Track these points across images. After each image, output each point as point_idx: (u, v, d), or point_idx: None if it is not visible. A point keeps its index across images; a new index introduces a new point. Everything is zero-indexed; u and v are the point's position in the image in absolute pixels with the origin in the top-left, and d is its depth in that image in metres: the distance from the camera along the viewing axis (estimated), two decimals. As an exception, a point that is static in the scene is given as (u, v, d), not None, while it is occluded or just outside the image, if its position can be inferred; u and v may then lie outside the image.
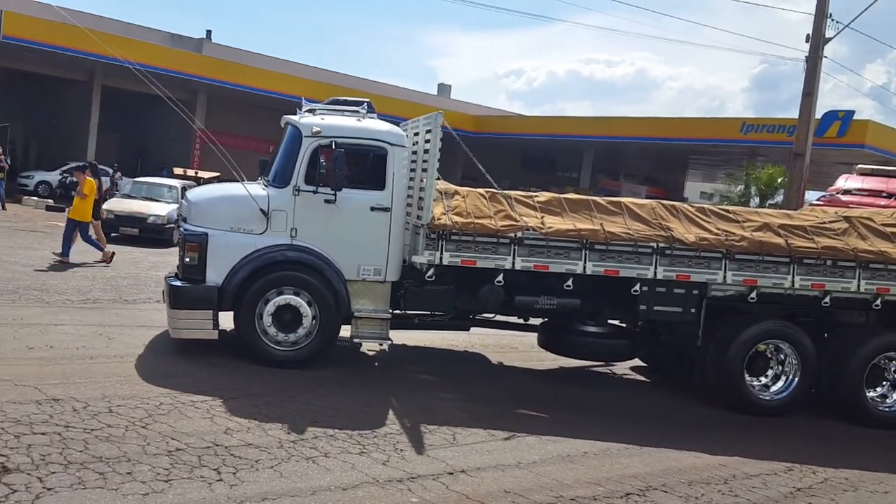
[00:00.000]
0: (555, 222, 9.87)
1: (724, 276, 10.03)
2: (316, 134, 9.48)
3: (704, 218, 10.34)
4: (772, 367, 10.25)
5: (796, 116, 25.25)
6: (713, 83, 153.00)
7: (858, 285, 10.22)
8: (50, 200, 31.66)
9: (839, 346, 10.33)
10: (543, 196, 10.38)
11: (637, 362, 12.15)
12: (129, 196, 24.44)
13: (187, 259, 9.35)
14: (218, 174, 25.87)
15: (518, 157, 53.59)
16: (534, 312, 10.43)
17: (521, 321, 10.97)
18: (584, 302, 10.22)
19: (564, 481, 6.85)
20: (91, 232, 16.74)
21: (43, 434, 6.36)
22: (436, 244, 9.55)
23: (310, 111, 10.07)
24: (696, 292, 10.21)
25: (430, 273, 9.69)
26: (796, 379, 10.17)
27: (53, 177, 35.60)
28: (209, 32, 47.94)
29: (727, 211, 10.64)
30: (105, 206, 20.48)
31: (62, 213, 23.02)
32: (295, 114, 10.17)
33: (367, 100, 10.39)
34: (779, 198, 33.87)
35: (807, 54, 24.05)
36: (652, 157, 51.52)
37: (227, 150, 10.37)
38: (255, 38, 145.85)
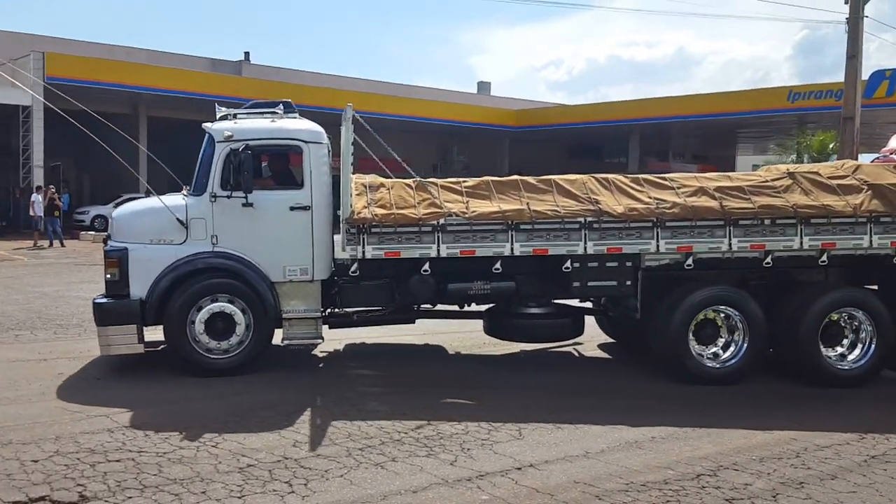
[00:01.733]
0: (479, 206, 9.77)
1: (657, 246, 9.80)
2: (228, 138, 9.54)
3: (637, 188, 10.13)
4: (721, 336, 9.97)
5: (843, 80, 24.50)
6: (757, 54, 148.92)
7: (801, 242, 9.89)
8: (107, 233, 32.47)
9: (791, 307, 10.00)
10: (471, 181, 10.30)
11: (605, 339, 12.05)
12: None
13: (108, 275, 9.50)
14: None
15: (564, 148, 53.27)
16: (469, 299, 10.27)
17: (466, 309, 10.86)
18: (520, 284, 10.11)
19: (633, 468, 6.73)
20: None
21: (117, 461, 6.57)
22: (357, 238, 9.58)
23: (223, 117, 10.16)
24: (629, 264, 10.00)
25: (353, 268, 9.73)
26: (745, 345, 9.88)
27: (108, 210, 36.64)
28: (247, 54, 48.87)
29: (663, 178, 10.39)
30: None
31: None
32: (228, 121, 10.19)
33: (287, 100, 10.42)
34: (832, 164, 32.94)
35: (847, 16, 23.35)
36: (699, 134, 50.75)
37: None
38: (294, 55, 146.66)
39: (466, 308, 10.80)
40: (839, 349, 9.99)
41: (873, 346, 9.85)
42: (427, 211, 9.65)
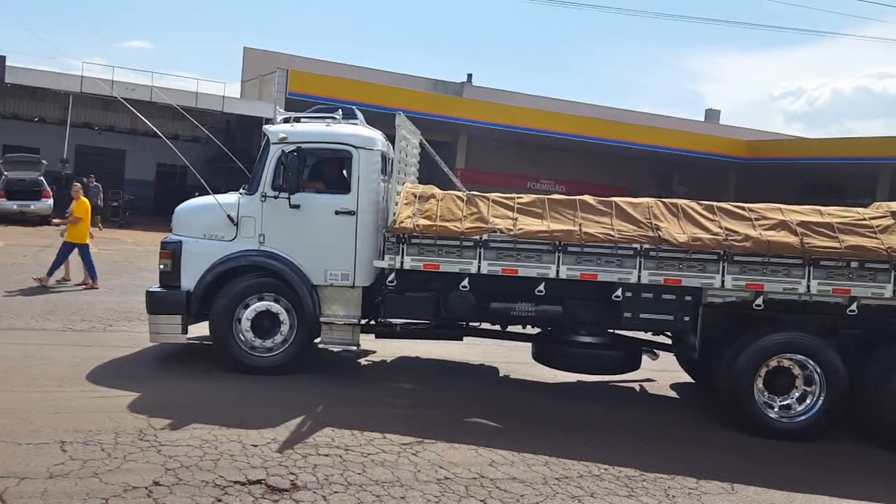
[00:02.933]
0: (527, 223, 9.22)
1: (722, 281, 8.84)
2: (282, 140, 9.56)
3: (708, 216, 9.19)
4: (797, 387, 8.80)
5: None
6: None
7: (894, 290, 8.61)
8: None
9: (879, 366, 8.69)
10: (526, 197, 9.74)
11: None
12: None
13: (161, 266, 9.76)
14: None
15: (798, 183, 49.84)
16: (512, 320, 9.66)
17: (520, 331, 10.25)
18: (568, 310, 9.42)
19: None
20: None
21: (326, 455, 6.88)
22: (397, 248, 9.30)
23: (285, 119, 10.19)
24: (689, 298, 9.06)
25: (391, 278, 9.45)
26: (819, 401, 8.68)
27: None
28: (470, 76, 49.00)
29: (741, 208, 9.33)
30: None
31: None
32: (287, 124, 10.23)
33: (350, 107, 10.33)
34: None
35: None
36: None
37: (488, 188, 10.75)
38: (516, 78, 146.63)
39: (521, 329, 10.22)
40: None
41: None
42: (471, 225, 9.21)
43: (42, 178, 30.07)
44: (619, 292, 9.08)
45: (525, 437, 7.87)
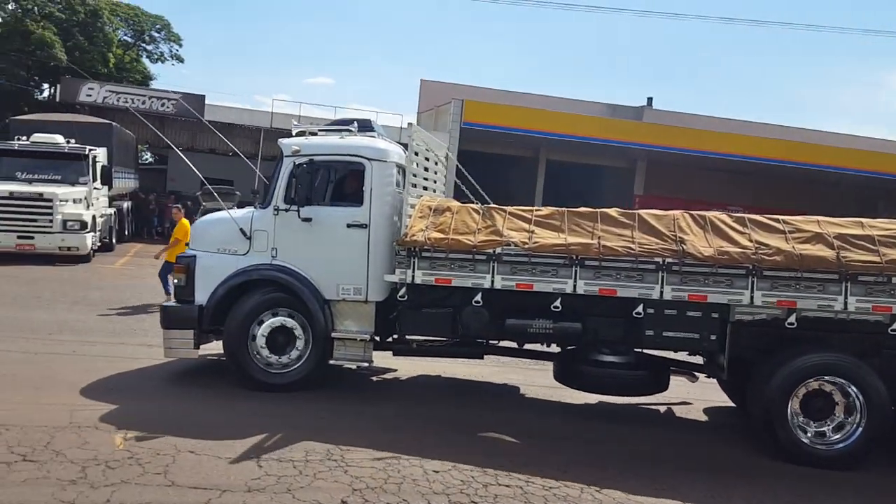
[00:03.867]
0: (544, 237, 8.70)
1: (752, 297, 8.19)
2: (295, 153, 9.27)
3: (739, 229, 8.55)
4: (837, 413, 8.08)
5: None
6: None
7: (951, 307, 7.86)
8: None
9: None
10: (545, 210, 9.22)
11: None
12: None
13: (176, 280, 9.55)
14: None
15: None
16: (530, 337, 9.10)
17: (542, 349, 9.69)
18: (588, 327, 8.86)
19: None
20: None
21: (507, 486, 6.71)
22: (408, 261, 8.87)
23: (300, 132, 9.87)
24: (715, 315, 8.43)
25: (402, 293, 9.02)
26: (860, 428, 7.96)
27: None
28: (650, 100, 46.99)
29: (776, 220, 8.66)
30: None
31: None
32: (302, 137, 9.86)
33: (366, 119, 9.97)
34: None
35: None
36: None
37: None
38: (698, 100, 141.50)
39: (543, 348, 9.67)
40: None
41: None
42: (485, 238, 8.74)
43: (236, 207, 30.67)
44: (640, 309, 8.49)
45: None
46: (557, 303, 8.64)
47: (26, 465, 6.37)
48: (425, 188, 10.20)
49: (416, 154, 9.62)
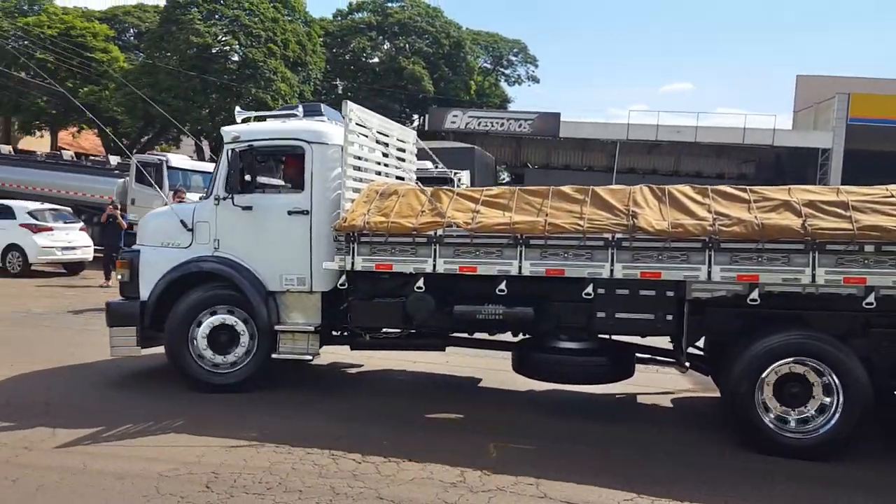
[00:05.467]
0: (489, 216, 8.00)
1: (709, 272, 7.35)
2: (235, 140, 8.77)
3: (699, 200, 7.68)
4: (815, 397, 7.17)
5: None
6: None
7: (924, 277, 6.89)
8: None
9: None
10: (496, 189, 8.53)
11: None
12: None
13: (119, 276, 9.16)
14: None
15: None
16: (480, 325, 8.34)
17: (509, 339, 8.90)
18: (539, 311, 8.12)
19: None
20: None
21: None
22: (347, 248, 8.27)
23: (245, 119, 9.37)
24: (671, 294, 7.61)
25: (341, 281, 8.42)
26: (837, 412, 7.06)
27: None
28: None
29: (742, 190, 7.78)
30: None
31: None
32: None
33: (316, 103, 9.42)
34: None
35: None
36: None
37: None
38: None
39: (510, 337, 8.92)
40: None
41: None
42: (425, 220, 8.08)
43: None
44: (589, 289, 7.74)
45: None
46: (503, 286, 7.93)
47: (412, 465, 6.54)
48: (378, 173, 9.57)
49: (358, 135, 8.93)
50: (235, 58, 38.03)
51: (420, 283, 8.15)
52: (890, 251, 6.95)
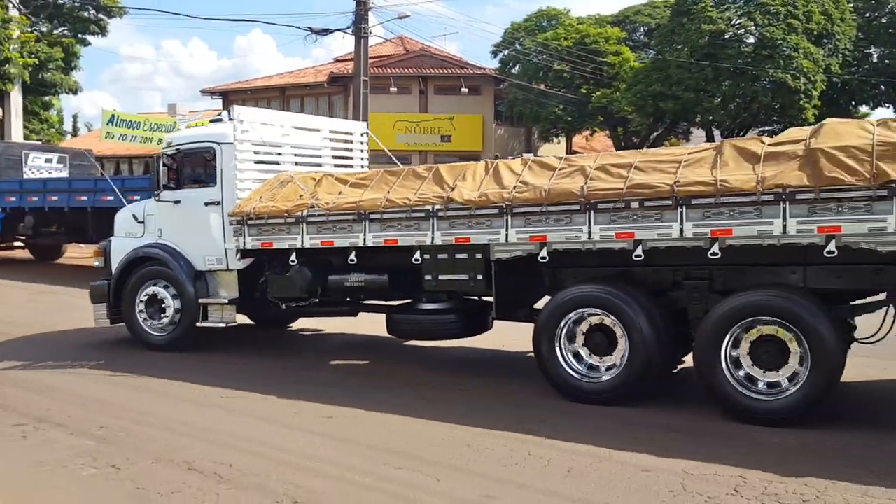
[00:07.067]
0: (348, 196, 9.06)
1: (507, 235, 8.01)
2: (168, 145, 10.39)
3: (516, 171, 8.32)
4: (617, 345, 7.70)
5: None
6: None
7: (681, 230, 7.22)
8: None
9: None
10: (365, 173, 9.57)
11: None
12: None
13: (95, 262, 11.02)
14: None
15: None
16: (350, 292, 9.44)
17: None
18: (393, 277, 9.06)
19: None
20: None
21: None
22: (241, 230, 9.60)
23: (191, 126, 10.91)
24: (479, 256, 8.30)
25: (238, 257, 9.74)
26: (626, 359, 7.59)
27: None
28: None
29: (559, 159, 8.35)
30: None
31: None
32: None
33: (238, 107, 10.58)
34: None
35: None
36: None
37: None
38: None
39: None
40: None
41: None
42: (295, 203, 9.29)
43: None
44: (417, 255, 8.61)
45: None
46: (353, 256, 8.98)
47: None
48: (297, 164, 10.73)
49: (255, 135, 10.27)
50: (750, 40, 35.32)
51: (293, 257, 9.37)
52: (653, 206, 7.32)
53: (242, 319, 11.24)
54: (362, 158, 11.78)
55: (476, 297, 9.26)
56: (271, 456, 6.24)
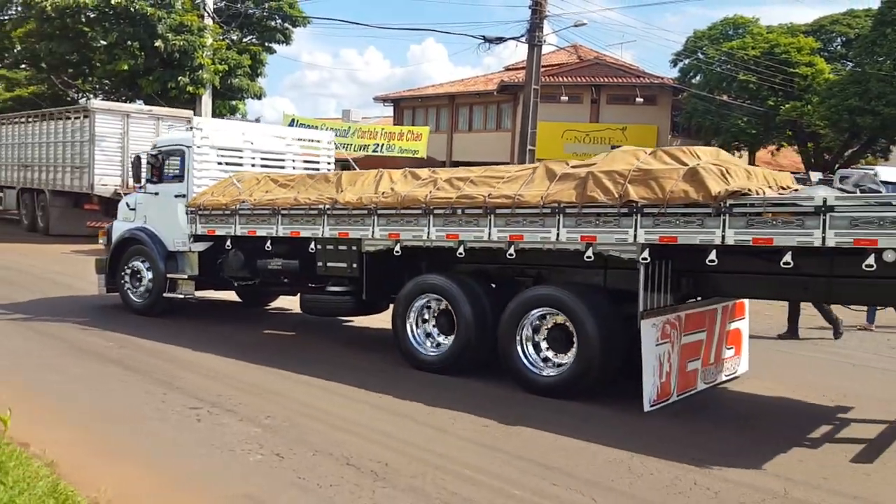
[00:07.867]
0: (273, 195, 10.97)
1: (373, 232, 9.81)
2: (153, 147, 12.65)
3: (392, 179, 10.15)
4: (456, 324, 9.30)
5: None
6: None
7: (490, 234, 8.87)
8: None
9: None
10: (294, 175, 11.60)
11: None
12: None
13: (100, 241, 13.35)
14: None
15: None
16: (271, 274, 11.38)
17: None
18: (302, 264, 10.93)
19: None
20: None
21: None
22: (195, 219, 11.75)
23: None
24: (354, 248, 10.11)
25: (188, 242, 11.90)
26: (452, 336, 9.31)
27: None
28: None
29: (433, 172, 10.25)
30: None
31: None
32: None
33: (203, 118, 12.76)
34: None
35: None
36: None
37: None
38: None
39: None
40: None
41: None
42: (231, 198, 11.32)
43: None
44: (313, 245, 10.48)
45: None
46: (268, 244, 10.96)
47: None
48: (254, 165, 12.72)
49: (208, 142, 12.25)
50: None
51: (228, 243, 11.45)
52: (472, 214, 8.97)
53: (233, 297, 13.67)
54: (329, 162, 13.75)
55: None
56: (426, 459, 6.30)
